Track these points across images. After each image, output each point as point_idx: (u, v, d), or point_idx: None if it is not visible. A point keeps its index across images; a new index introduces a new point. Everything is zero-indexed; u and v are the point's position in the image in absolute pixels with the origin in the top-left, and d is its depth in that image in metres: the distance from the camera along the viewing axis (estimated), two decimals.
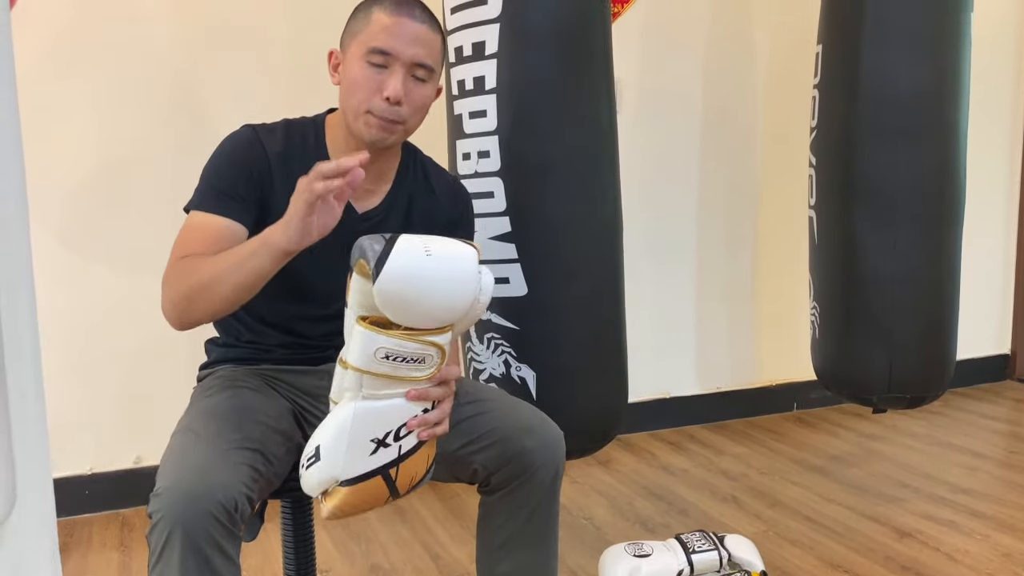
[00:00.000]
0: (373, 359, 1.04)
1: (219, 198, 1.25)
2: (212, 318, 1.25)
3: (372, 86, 1.25)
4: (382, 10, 1.27)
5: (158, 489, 1.05)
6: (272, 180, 1.29)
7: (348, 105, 1.28)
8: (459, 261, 1.05)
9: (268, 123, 1.35)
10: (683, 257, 3.00)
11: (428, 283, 1.02)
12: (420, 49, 1.27)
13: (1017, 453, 2.70)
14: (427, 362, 1.07)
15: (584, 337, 1.77)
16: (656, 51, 2.87)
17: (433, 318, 1.04)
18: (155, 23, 2.28)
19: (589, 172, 1.78)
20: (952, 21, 2.13)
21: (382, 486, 1.12)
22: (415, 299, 1.02)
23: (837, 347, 2.29)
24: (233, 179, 1.26)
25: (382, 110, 1.26)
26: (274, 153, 1.30)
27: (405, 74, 1.26)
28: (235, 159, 1.28)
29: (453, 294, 1.04)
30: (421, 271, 1.01)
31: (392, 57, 1.25)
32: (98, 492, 2.33)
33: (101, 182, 2.27)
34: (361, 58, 1.26)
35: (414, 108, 1.29)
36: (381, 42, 1.25)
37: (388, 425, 1.10)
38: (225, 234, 1.24)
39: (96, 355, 2.30)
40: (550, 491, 1.29)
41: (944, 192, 2.17)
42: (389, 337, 1.03)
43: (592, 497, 2.39)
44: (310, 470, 1.11)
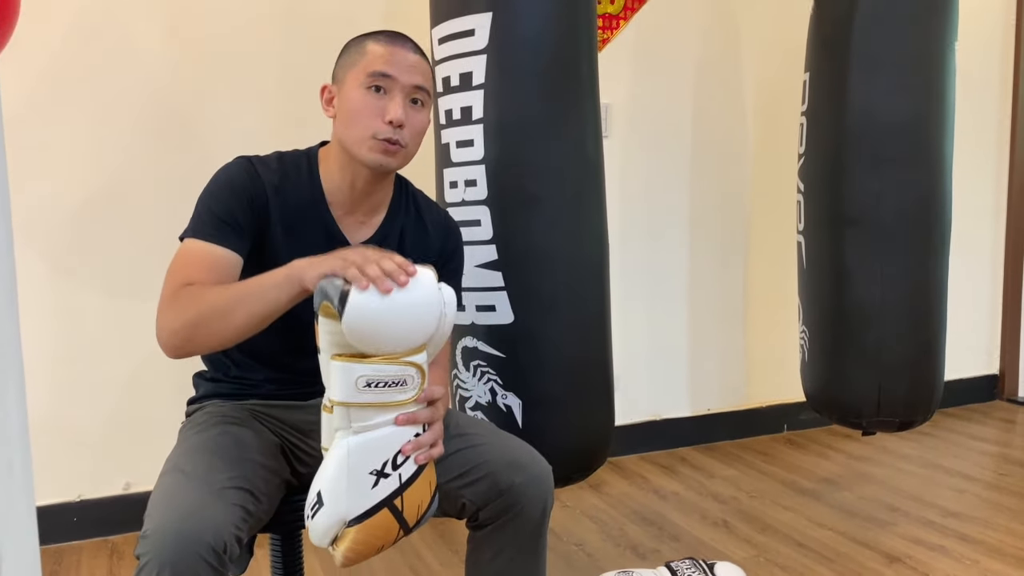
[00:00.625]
0: (355, 389, 1.05)
1: (217, 226, 1.25)
2: (214, 349, 1.23)
3: (374, 111, 1.27)
4: (376, 42, 1.30)
5: (146, 531, 1.05)
6: (269, 211, 1.30)
7: (349, 133, 1.29)
8: (418, 283, 1.08)
9: (262, 155, 1.36)
10: (673, 280, 3.02)
11: (393, 310, 1.05)
12: (417, 75, 1.30)
13: (1006, 475, 2.71)
14: (409, 383, 1.08)
15: (570, 365, 1.78)
16: (644, 78, 2.89)
17: (405, 342, 1.07)
18: (146, 50, 2.29)
19: (575, 201, 1.79)
20: (937, 50, 2.15)
21: (390, 519, 1.11)
22: (384, 327, 1.04)
23: (826, 371, 2.30)
24: (232, 207, 1.26)
25: (385, 133, 1.27)
26: (271, 184, 1.30)
27: (404, 98, 1.28)
28: (235, 187, 1.28)
29: (419, 315, 1.07)
30: (384, 299, 1.04)
31: (392, 80, 1.27)
32: (87, 519, 2.32)
33: (91, 209, 2.27)
34: (360, 85, 1.27)
35: (414, 132, 1.31)
36: (381, 66, 1.27)
37: (384, 454, 1.10)
38: (222, 263, 1.23)
39: (86, 381, 2.30)
40: (538, 527, 1.29)
41: (931, 217, 2.19)
42: (366, 364, 1.05)
43: (583, 522, 2.39)
44: (316, 518, 1.10)
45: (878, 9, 2.13)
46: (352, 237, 1.36)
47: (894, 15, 2.12)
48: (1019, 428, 3.28)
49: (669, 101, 2.94)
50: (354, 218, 1.36)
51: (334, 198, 1.34)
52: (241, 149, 1.41)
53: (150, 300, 2.31)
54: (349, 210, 1.35)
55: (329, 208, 1.34)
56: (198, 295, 1.17)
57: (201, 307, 1.15)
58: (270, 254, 1.30)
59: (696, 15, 2.94)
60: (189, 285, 1.19)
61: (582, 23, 1.79)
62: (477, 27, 1.72)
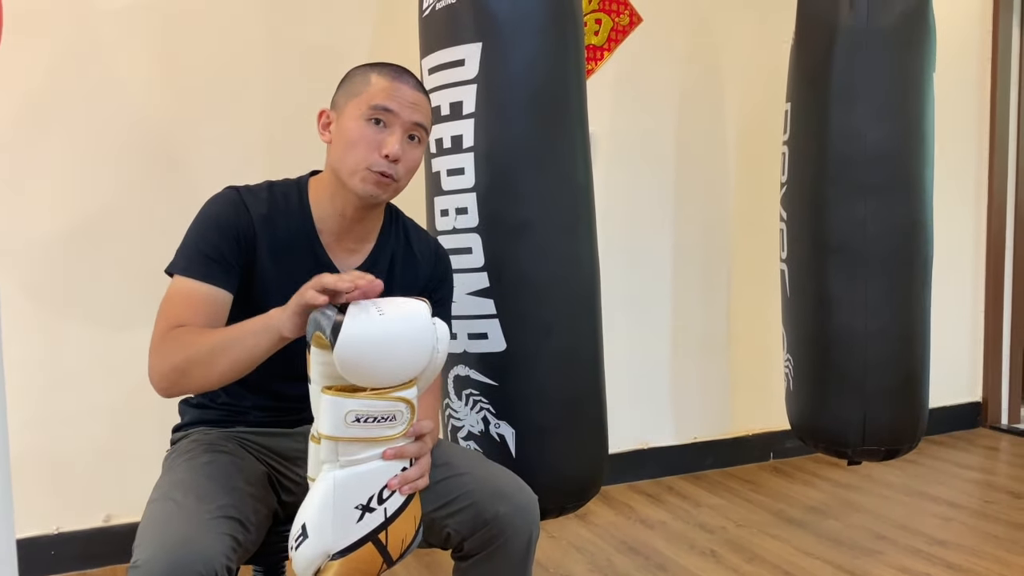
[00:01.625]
0: (344, 424, 1.04)
1: (205, 263, 1.25)
2: (203, 391, 1.25)
3: (372, 144, 1.27)
4: (380, 75, 1.31)
5: (136, 561, 1.03)
6: (256, 244, 1.29)
7: (343, 162, 1.29)
8: (412, 317, 1.07)
9: (251, 185, 1.36)
10: (658, 308, 3.03)
11: (386, 342, 1.04)
12: (418, 113, 1.31)
13: (992, 503, 2.72)
14: (398, 419, 1.07)
15: (564, 393, 1.77)
16: (628, 108, 2.92)
17: (396, 375, 1.06)
18: (132, 79, 2.28)
19: (566, 228, 1.80)
20: (916, 80, 2.19)
21: (374, 553, 1.10)
22: (376, 360, 1.04)
23: (811, 400, 2.31)
24: (219, 243, 1.26)
25: (380, 166, 1.27)
26: (259, 215, 1.30)
27: (403, 134, 1.29)
28: (221, 222, 1.28)
29: (412, 349, 1.07)
30: (377, 332, 1.03)
31: (393, 115, 1.28)
32: (65, 552, 2.27)
33: (75, 238, 2.25)
34: (360, 117, 1.28)
35: (407, 167, 1.32)
36: (383, 101, 1.28)
37: (370, 489, 1.09)
38: (211, 302, 1.24)
39: (66, 411, 2.26)
40: (524, 557, 1.28)
41: (913, 245, 2.22)
42: (357, 399, 1.04)
43: (570, 553, 2.37)
44: (300, 549, 1.08)
45: (858, 40, 2.17)
46: (342, 265, 1.36)
47: (874, 46, 2.16)
48: (1003, 455, 3.29)
49: (652, 130, 2.97)
50: (344, 246, 1.36)
51: (324, 226, 1.35)
52: (227, 179, 1.41)
53: (133, 330, 2.29)
54: (339, 238, 1.36)
55: (319, 236, 1.34)
56: (184, 341, 1.18)
57: (187, 353, 1.17)
58: (260, 285, 1.30)
59: (679, 46, 2.99)
60: (179, 327, 1.20)
61: (571, 53, 1.81)
62: (467, 57, 1.74)
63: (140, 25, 2.28)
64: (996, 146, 3.56)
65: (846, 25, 2.19)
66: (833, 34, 2.20)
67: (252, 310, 1.30)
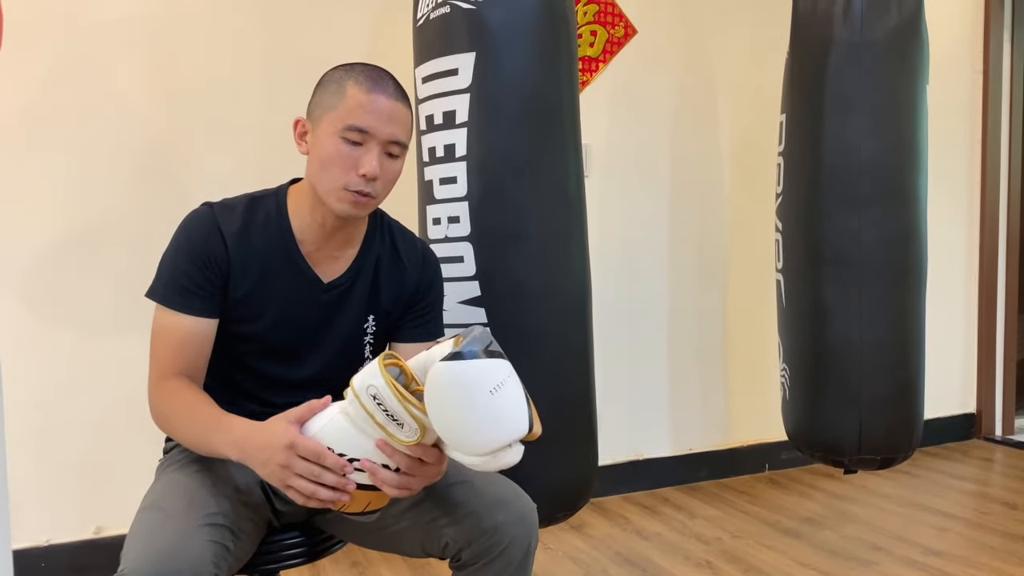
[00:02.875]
0: (365, 390, 1.05)
1: (182, 293, 1.26)
2: None
3: (348, 163, 1.25)
4: (357, 85, 1.25)
5: (123, 570, 1.02)
6: (230, 261, 1.28)
7: (320, 180, 1.27)
8: (505, 423, 1.03)
9: (229, 199, 1.34)
10: (653, 319, 3.03)
11: (464, 409, 1.01)
12: (396, 127, 1.27)
13: (986, 513, 2.72)
14: (406, 428, 1.06)
15: (554, 403, 1.76)
16: (623, 119, 2.93)
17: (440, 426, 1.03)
18: (126, 90, 2.29)
19: (558, 238, 1.79)
20: (909, 92, 2.20)
21: None
22: (444, 404, 1.02)
23: (807, 409, 2.30)
24: (192, 273, 1.26)
25: (357, 184, 1.25)
26: (231, 233, 1.29)
27: (380, 151, 1.26)
28: (192, 251, 1.27)
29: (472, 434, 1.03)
30: (470, 396, 1.01)
31: (369, 135, 1.25)
32: (55, 564, 2.25)
33: (66, 248, 2.24)
34: (335, 134, 1.24)
35: (386, 182, 1.30)
36: (358, 120, 1.24)
37: (345, 449, 1.09)
38: (194, 334, 1.27)
39: (57, 422, 2.25)
40: (522, 566, 1.27)
41: (907, 256, 2.22)
42: (385, 383, 1.03)
43: (565, 565, 2.36)
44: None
45: (852, 52, 2.18)
46: (324, 273, 1.34)
47: (867, 58, 2.17)
48: (997, 466, 3.29)
49: (648, 141, 2.98)
50: (325, 254, 1.35)
51: (304, 236, 1.33)
52: (221, 189, 1.40)
53: (124, 341, 2.28)
54: (320, 247, 1.34)
55: (299, 246, 1.33)
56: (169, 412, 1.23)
57: (167, 425, 1.25)
58: (240, 301, 1.30)
59: (674, 57, 3.00)
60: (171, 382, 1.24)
61: (563, 63, 1.82)
62: (460, 66, 1.74)
63: (135, 36, 2.29)
64: (988, 159, 3.58)
65: (840, 38, 2.20)
66: (827, 46, 2.21)
67: (237, 326, 1.31)
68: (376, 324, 1.40)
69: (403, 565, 2.33)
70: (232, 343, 1.31)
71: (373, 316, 1.39)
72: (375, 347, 1.42)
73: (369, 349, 1.41)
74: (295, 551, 1.33)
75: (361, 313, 1.38)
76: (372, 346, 1.41)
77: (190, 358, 1.26)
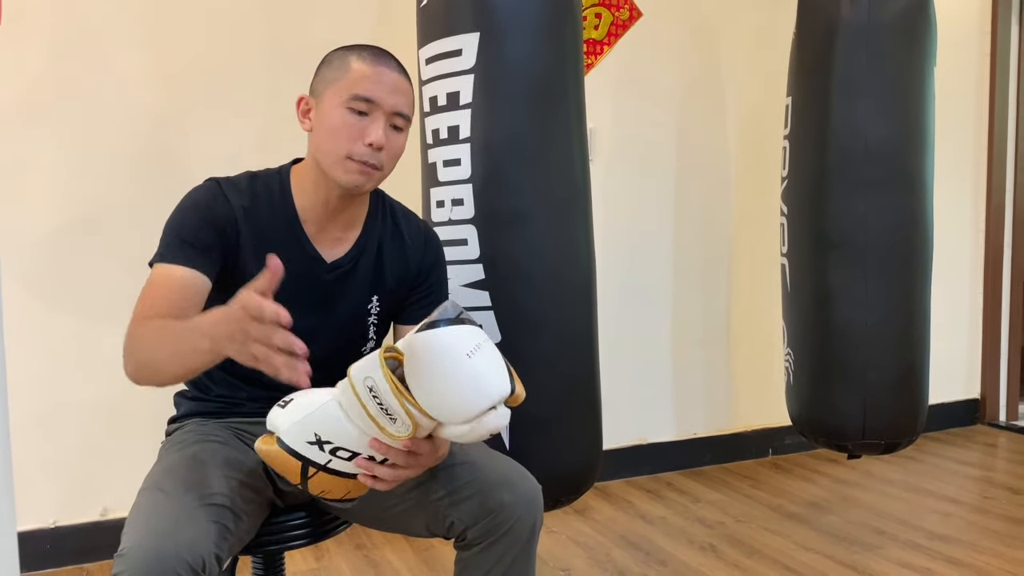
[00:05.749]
0: (362, 381, 1.04)
1: (181, 247, 1.23)
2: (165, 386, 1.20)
3: (354, 133, 1.25)
4: (360, 60, 1.27)
5: (123, 549, 1.02)
6: (239, 234, 1.28)
7: (325, 151, 1.27)
8: (485, 384, 1.04)
9: (232, 176, 1.34)
10: (658, 303, 3.02)
11: (445, 375, 1.02)
12: (400, 99, 1.28)
13: (990, 498, 2.71)
14: (399, 423, 1.05)
15: (558, 386, 1.76)
16: (628, 102, 2.91)
17: (425, 401, 1.03)
18: (126, 73, 2.28)
19: (562, 221, 1.79)
20: (917, 75, 2.19)
21: (297, 470, 1.13)
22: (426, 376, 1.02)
23: (812, 394, 2.30)
24: (196, 228, 1.24)
25: (363, 155, 1.25)
26: (240, 207, 1.28)
27: (386, 122, 1.26)
28: (200, 208, 1.26)
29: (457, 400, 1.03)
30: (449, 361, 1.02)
31: (374, 104, 1.25)
32: (62, 546, 2.26)
33: (69, 232, 2.24)
34: (341, 105, 1.25)
35: (391, 155, 1.30)
36: (364, 89, 1.25)
37: (332, 437, 1.09)
38: (186, 284, 1.22)
39: (62, 404, 2.26)
40: (527, 546, 1.27)
41: (913, 240, 2.21)
42: (383, 376, 1.02)
43: (569, 548, 2.36)
44: (274, 410, 1.14)
45: (859, 35, 2.16)
46: (327, 253, 1.34)
47: (875, 40, 2.15)
48: (1001, 452, 3.29)
49: (653, 125, 2.96)
50: (329, 234, 1.34)
51: (307, 215, 1.32)
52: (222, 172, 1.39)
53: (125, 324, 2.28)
54: (323, 227, 1.34)
55: (303, 226, 1.32)
56: (140, 340, 1.15)
57: (139, 356, 1.14)
58: (243, 276, 1.28)
59: (679, 40, 2.98)
60: (143, 321, 1.17)
61: (568, 44, 1.80)
62: (464, 47, 1.73)
63: (136, 18, 2.27)
64: (995, 143, 3.55)
65: (847, 19, 2.18)
66: (834, 28, 2.19)
67: None
68: (380, 305, 1.39)
69: (407, 547, 2.34)
70: None
71: (377, 296, 1.39)
72: (379, 328, 1.41)
73: (373, 330, 1.40)
74: (298, 532, 1.33)
75: (365, 294, 1.37)
76: (376, 327, 1.41)
77: (177, 308, 1.18)
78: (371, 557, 2.29)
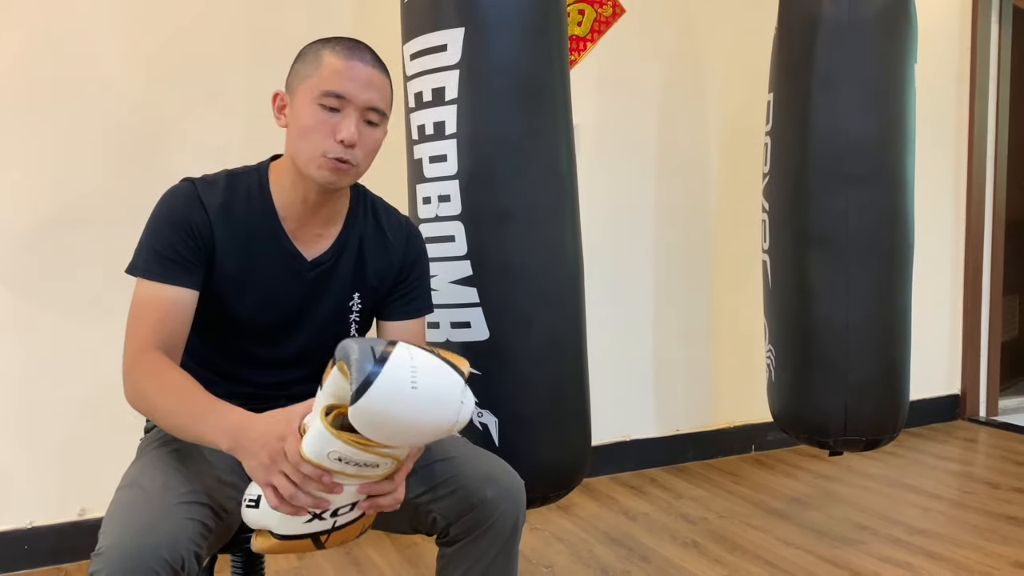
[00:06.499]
0: (326, 458, 1.01)
1: (164, 264, 1.22)
2: None
3: (326, 129, 1.23)
4: (333, 54, 1.24)
5: (100, 548, 1.01)
6: (213, 234, 1.26)
7: (299, 148, 1.25)
8: (443, 396, 0.99)
9: (209, 175, 1.32)
10: (640, 299, 3.02)
11: (407, 416, 0.97)
12: (373, 93, 1.26)
13: (971, 493, 2.74)
14: (381, 467, 1.04)
15: (547, 382, 1.76)
16: (611, 99, 2.91)
17: (403, 442, 1.02)
18: (107, 67, 2.25)
19: (550, 217, 1.78)
20: (897, 71, 2.20)
21: (310, 545, 1.13)
22: (390, 428, 0.98)
23: (793, 390, 2.31)
24: (174, 243, 1.23)
25: (336, 152, 1.23)
26: (214, 206, 1.26)
27: (359, 118, 1.25)
28: (174, 219, 1.24)
29: (429, 426, 1.00)
30: (402, 404, 0.96)
31: (346, 100, 1.23)
32: (39, 546, 2.23)
33: (48, 228, 2.21)
34: (313, 102, 1.23)
35: (366, 151, 1.28)
36: (335, 85, 1.23)
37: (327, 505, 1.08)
38: (174, 304, 1.22)
39: (40, 403, 2.22)
40: (509, 542, 1.26)
41: (894, 236, 2.22)
42: (344, 444, 0.99)
43: (553, 545, 2.36)
44: (248, 511, 1.11)
45: (840, 31, 2.17)
46: (308, 251, 1.33)
47: (856, 37, 2.16)
48: (981, 447, 3.32)
49: (635, 121, 2.96)
50: (309, 231, 1.33)
51: (286, 212, 1.31)
52: (204, 168, 1.38)
53: (107, 321, 2.25)
54: (303, 224, 1.32)
55: (282, 223, 1.31)
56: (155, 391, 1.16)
57: (147, 404, 1.17)
58: (223, 278, 1.28)
59: (662, 37, 2.98)
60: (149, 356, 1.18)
61: (554, 39, 1.80)
62: (449, 42, 1.72)
63: (116, 10, 2.24)
64: (975, 140, 3.59)
65: (828, 16, 2.19)
66: (816, 24, 2.20)
67: (219, 304, 1.28)
68: (362, 302, 1.38)
69: (390, 544, 2.33)
70: (214, 322, 1.29)
71: (359, 294, 1.37)
72: (361, 325, 1.40)
73: (355, 327, 1.39)
74: None
75: (346, 291, 1.36)
76: (358, 324, 1.39)
77: (170, 331, 1.22)
78: (353, 555, 2.28)
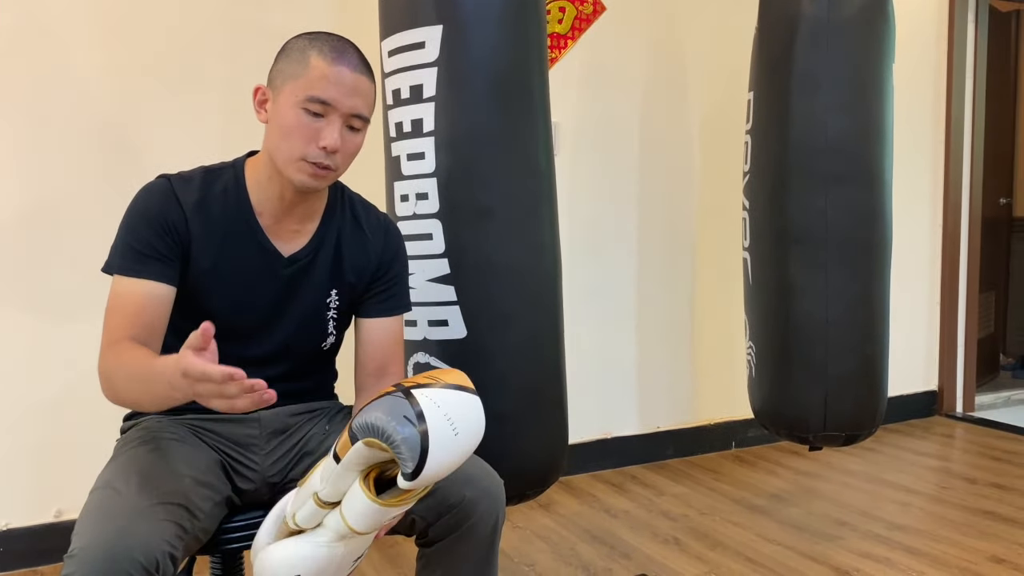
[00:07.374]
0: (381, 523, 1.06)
1: (139, 260, 1.21)
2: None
3: (308, 134, 1.22)
4: (320, 56, 1.22)
5: (73, 549, 0.99)
6: (189, 231, 1.25)
7: (279, 149, 1.24)
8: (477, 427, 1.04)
9: (185, 171, 1.31)
10: (621, 297, 3.03)
11: (456, 461, 1.03)
12: (358, 100, 1.25)
13: (948, 488, 2.77)
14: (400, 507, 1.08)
15: (524, 381, 1.75)
16: (592, 97, 2.91)
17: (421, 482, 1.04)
18: (81, 63, 2.22)
19: (527, 215, 1.77)
20: (876, 70, 2.21)
21: None
22: (440, 475, 1.02)
23: (773, 386, 2.32)
24: (149, 238, 1.22)
25: (317, 156, 1.22)
26: (190, 203, 1.25)
27: (342, 124, 1.24)
28: (150, 216, 1.23)
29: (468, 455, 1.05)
30: (453, 455, 1.01)
31: (331, 107, 1.22)
32: (14, 549, 2.21)
33: (17, 228, 2.18)
34: (296, 105, 1.22)
35: (346, 155, 1.27)
36: (321, 91, 1.21)
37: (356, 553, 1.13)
38: (150, 300, 1.21)
39: (14, 404, 2.20)
40: (489, 542, 1.26)
41: (872, 234, 2.24)
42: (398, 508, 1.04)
43: (534, 543, 2.36)
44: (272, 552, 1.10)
45: (819, 30, 2.18)
46: (284, 247, 1.32)
47: (834, 36, 2.17)
48: (958, 443, 3.35)
49: (616, 120, 2.96)
50: (285, 227, 1.32)
51: (263, 208, 1.30)
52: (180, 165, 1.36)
53: (80, 321, 2.23)
54: (279, 220, 1.31)
55: (258, 219, 1.30)
56: (114, 372, 1.15)
57: (121, 395, 1.15)
58: (199, 274, 1.27)
59: (642, 35, 2.98)
60: (119, 344, 1.17)
61: (532, 38, 1.79)
62: (427, 40, 1.71)
63: (89, 9, 2.22)
64: (951, 139, 3.62)
65: (808, 15, 2.20)
66: (795, 24, 2.21)
67: (196, 301, 1.27)
68: (339, 298, 1.37)
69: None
70: (191, 319, 1.28)
71: (336, 290, 1.36)
72: (339, 322, 1.39)
73: (333, 324, 1.38)
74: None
75: (323, 288, 1.35)
76: (336, 320, 1.38)
77: (145, 324, 1.20)
78: None
